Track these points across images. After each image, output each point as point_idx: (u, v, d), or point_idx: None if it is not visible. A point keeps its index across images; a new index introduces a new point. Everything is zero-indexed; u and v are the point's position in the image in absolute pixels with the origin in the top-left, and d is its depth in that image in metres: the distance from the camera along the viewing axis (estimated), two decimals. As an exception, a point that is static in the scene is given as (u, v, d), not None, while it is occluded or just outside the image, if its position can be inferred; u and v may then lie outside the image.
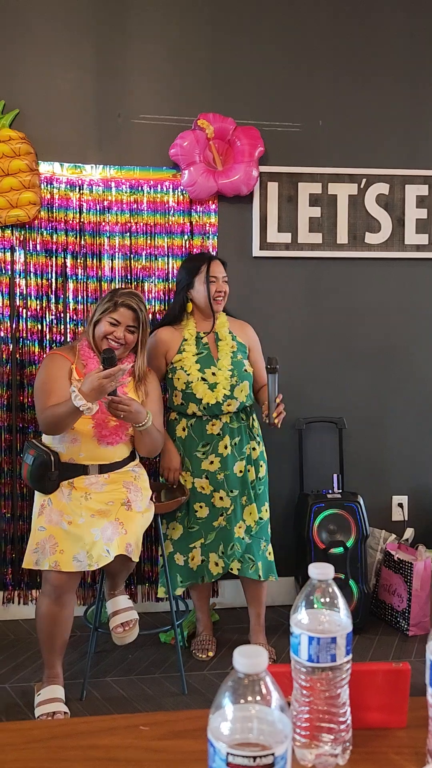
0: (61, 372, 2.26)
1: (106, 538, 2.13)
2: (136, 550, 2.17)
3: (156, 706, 2.30)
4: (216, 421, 2.51)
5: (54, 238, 2.90)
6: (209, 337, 2.57)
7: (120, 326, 2.29)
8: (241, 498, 2.55)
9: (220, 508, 2.52)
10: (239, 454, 2.54)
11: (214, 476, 2.51)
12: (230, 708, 0.59)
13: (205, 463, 2.52)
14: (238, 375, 2.50)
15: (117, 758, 0.86)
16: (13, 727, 0.96)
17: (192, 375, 2.48)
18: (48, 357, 2.34)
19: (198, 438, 2.52)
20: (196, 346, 2.53)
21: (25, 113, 2.86)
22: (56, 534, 2.13)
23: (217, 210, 3.00)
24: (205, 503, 2.52)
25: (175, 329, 2.57)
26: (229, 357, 2.52)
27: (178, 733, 0.91)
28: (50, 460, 2.21)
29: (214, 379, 2.48)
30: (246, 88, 3.00)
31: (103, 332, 2.29)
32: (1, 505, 2.91)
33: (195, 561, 2.54)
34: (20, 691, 2.38)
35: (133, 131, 2.94)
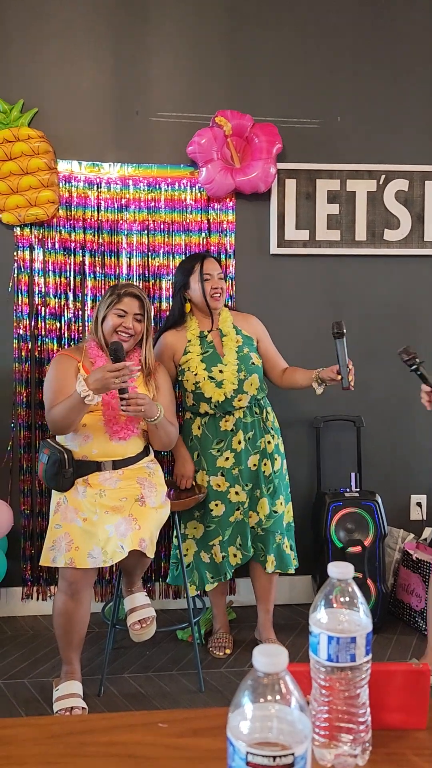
0: (68, 373, 2.29)
1: (120, 533, 2.14)
2: (151, 545, 2.18)
3: (173, 703, 2.31)
4: (229, 417, 2.52)
5: (72, 237, 2.92)
6: (213, 335, 2.57)
7: (128, 316, 2.31)
8: (254, 491, 2.56)
9: (236, 502, 2.54)
10: (253, 448, 2.55)
11: (230, 472, 2.53)
12: (250, 707, 0.59)
13: (220, 460, 2.53)
14: (246, 369, 2.50)
15: (136, 755, 0.86)
16: (33, 722, 0.97)
17: (199, 374, 2.49)
18: (55, 358, 2.37)
19: (212, 435, 2.53)
20: (200, 345, 2.54)
21: (43, 112, 2.87)
22: (71, 531, 2.15)
23: (234, 207, 2.99)
24: (221, 500, 2.53)
25: (178, 331, 2.58)
26: (234, 352, 2.52)
27: (196, 731, 0.91)
28: (64, 458, 2.24)
29: (221, 377, 2.48)
30: (264, 85, 2.98)
31: (112, 326, 2.31)
32: (20, 502, 2.94)
33: (217, 557, 2.56)
34: (39, 686, 2.40)
35: (151, 129, 2.95)
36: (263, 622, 2.66)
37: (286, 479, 2.67)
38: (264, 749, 0.56)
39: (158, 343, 2.58)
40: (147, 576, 2.95)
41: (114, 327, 2.31)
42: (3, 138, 2.77)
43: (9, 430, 2.93)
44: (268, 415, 2.61)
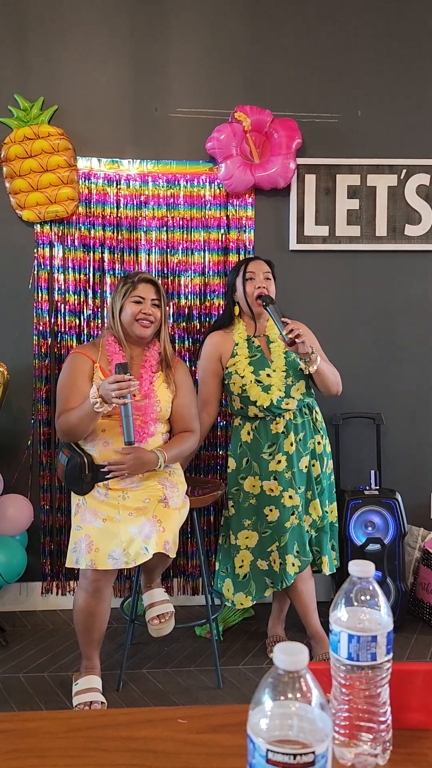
0: (82, 376, 2.27)
1: (144, 535, 2.13)
2: (173, 546, 2.17)
3: (191, 698, 2.31)
4: (279, 419, 2.46)
5: (92, 233, 2.93)
6: (260, 340, 2.54)
7: (145, 302, 2.31)
8: (306, 493, 2.51)
9: (291, 507, 2.44)
10: (304, 449, 2.50)
11: (282, 475, 2.45)
12: (270, 704, 0.59)
13: (272, 464, 2.45)
14: (294, 375, 2.47)
15: (155, 750, 0.86)
16: (54, 715, 0.97)
17: (246, 377, 2.46)
18: (70, 357, 2.34)
19: (263, 439, 2.47)
20: (248, 349, 2.51)
21: (63, 109, 2.88)
22: (91, 533, 2.15)
23: (253, 203, 2.98)
24: (275, 505, 2.45)
25: (225, 333, 2.57)
26: (282, 358, 2.48)
27: (215, 728, 0.90)
28: (84, 463, 2.21)
29: (268, 381, 2.45)
30: (284, 80, 2.97)
31: (131, 315, 2.30)
32: (39, 498, 2.96)
33: (276, 564, 2.46)
34: (58, 680, 2.42)
35: (170, 125, 2.94)
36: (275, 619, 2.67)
37: (331, 479, 2.64)
38: (284, 747, 0.56)
39: (205, 344, 2.58)
40: (165, 572, 2.95)
41: (133, 315, 2.29)
42: (23, 135, 2.79)
43: (29, 426, 2.96)
44: (317, 416, 2.57)
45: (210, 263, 2.98)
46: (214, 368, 2.55)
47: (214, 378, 2.56)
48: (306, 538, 2.48)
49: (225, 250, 2.98)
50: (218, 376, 2.55)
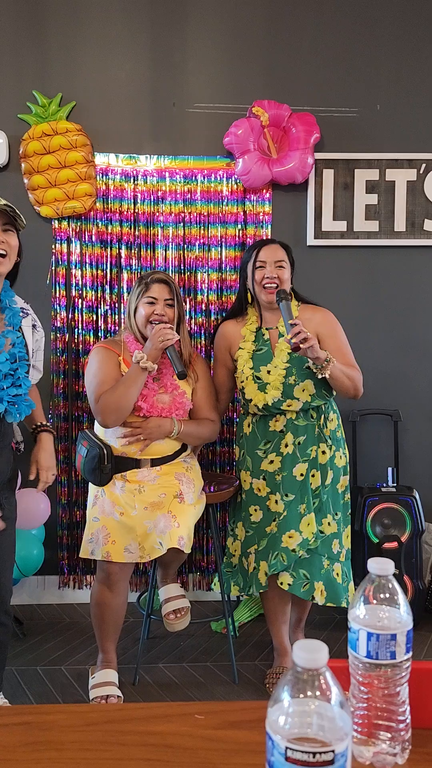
0: (110, 363, 2.28)
1: (159, 530, 2.13)
2: (188, 542, 2.18)
3: (207, 693, 2.32)
4: (279, 417, 2.32)
5: (109, 229, 2.93)
6: (272, 333, 2.37)
7: (158, 302, 2.28)
8: (298, 505, 2.28)
9: (274, 512, 2.30)
10: (302, 455, 2.30)
11: (273, 477, 2.31)
12: (289, 702, 0.58)
13: (264, 462, 2.34)
14: (297, 374, 2.28)
15: (172, 745, 0.86)
16: (72, 709, 0.98)
17: (245, 373, 2.35)
18: (95, 350, 2.35)
19: (260, 435, 2.36)
20: (254, 342, 2.38)
21: (81, 105, 2.89)
22: (108, 525, 2.16)
23: (271, 198, 2.96)
24: (259, 506, 2.34)
25: (237, 323, 2.45)
26: (285, 354, 2.29)
27: (233, 724, 0.90)
28: (103, 454, 2.23)
29: (267, 378, 2.31)
30: (302, 74, 2.94)
31: (144, 316, 2.29)
32: (57, 492, 2.98)
33: (250, 567, 2.35)
34: (75, 673, 2.44)
35: (188, 120, 2.94)
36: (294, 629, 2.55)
37: (345, 498, 2.39)
38: (304, 745, 0.55)
39: (216, 333, 2.51)
40: (181, 567, 2.96)
41: (146, 316, 2.28)
42: (42, 132, 2.80)
43: (47, 421, 2.96)
44: (328, 423, 2.35)
45: (227, 259, 2.97)
46: (222, 358, 2.48)
47: (223, 368, 2.49)
48: (278, 551, 2.24)
49: (242, 245, 2.97)
50: (226, 366, 2.48)
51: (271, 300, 2.32)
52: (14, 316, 1.91)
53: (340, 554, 2.35)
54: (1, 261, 1.81)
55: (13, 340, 1.87)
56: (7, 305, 1.91)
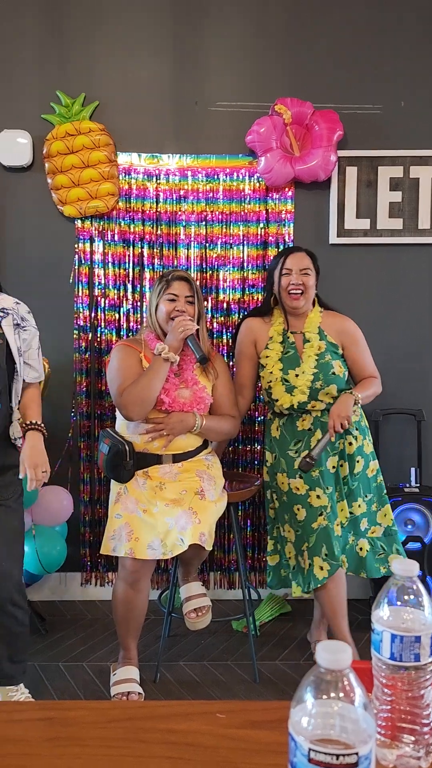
0: (132, 360, 2.30)
1: (180, 527, 2.14)
2: (209, 539, 2.18)
3: (228, 692, 2.32)
4: (306, 416, 2.39)
5: (131, 228, 2.95)
6: (297, 337, 2.45)
7: (179, 299, 2.30)
8: (334, 495, 2.40)
9: (319, 507, 2.34)
10: (332, 449, 2.39)
11: (308, 474, 2.36)
12: (312, 703, 0.58)
13: (297, 461, 2.36)
14: (324, 378, 2.37)
15: (194, 743, 0.86)
16: (94, 705, 0.98)
17: (274, 374, 2.41)
18: (116, 348, 2.37)
19: (290, 436, 2.41)
20: (282, 344, 2.44)
21: (104, 105, 2.90)
22: (132, 522, 2.18)
23: (293, 197, 2.95)
24: (301, 504, 2.36)
25: (264, 321, 2.51)
26: (313, 359, 2.38)
27: (254, 723, 0.90)
28: (125, 450, 2.24)
29: (295, 382, 2.38)
30: (325, 71, 2.93)
31: (165, 312, 2.30)
32: (79, 490, 3.00)
33: (305, 565, 2.37)
34: (97, 669, 2.46)
35: (210, 119, 2.94)
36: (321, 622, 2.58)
37: (377, 481, 2.47)
38: (327, 747, 0.55)
39: (241, 327, 2.54)
40: (202, 566, 2.97)
41: (167, 313, 2.30)
42: (65, 132, 2.82)
43: (69, 419, 3.00)
44: (352, 415, 2.40)
45: (249, 257, 2.96)
46: (248, 352, 2.51)
47: (249, 362, 2.52)
48: (336, 541, 2.34)
49: (264, 244, 2.96)
50: (252, 360, 2.51)
51: (296, 306, 2.43)
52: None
53: (367, 531, 2.43)
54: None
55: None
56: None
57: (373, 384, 2.46)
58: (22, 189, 2.93)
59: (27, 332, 2.07)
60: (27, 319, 2.09)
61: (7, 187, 2.93)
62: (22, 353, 2.05)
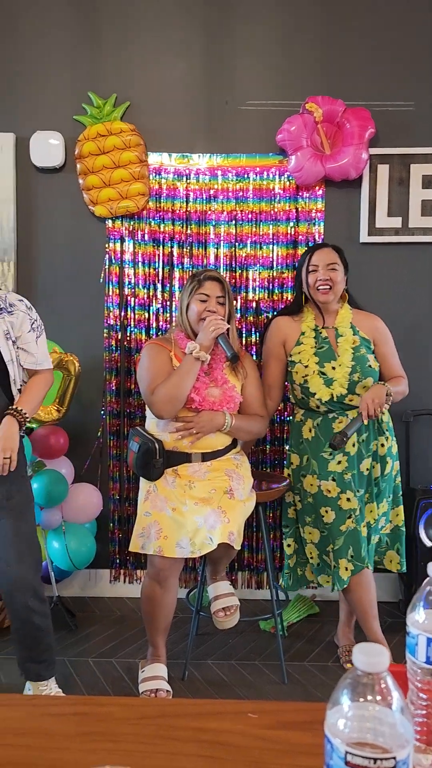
0: (162, 358, 2.31)
1: (209, 525, 2.14)
2: (238, 538, 2.18)
3: (256, 692, 2.32)
4: (342, 418, 2.38)
5: (161, 228, 2.96)
6: (329, 332, 2.45)
7: (210, 299, 2.31)
8: (364, 495, 2.41)
9: (348, 510, 2.35)
10: (366, 451, 2.39)
11: (342, 477, 2.35)
12: (349, 705, 0.58)
13: (332, 464, 2.37)
14: (362, 371, 2.37)
15: (225, 743, 0.86)
16: (126, 702, 0.99)
17: (310, 367, 2.40)
18: (147, 347, 2.38)
19: (324, 438, 2.39)
20: (315, 339, 2.44)
21: (135, 105, 2.92)
22: (161, 520, 2.19)
23: (323, 195, 2.93)
24: (330, 507, 2.36)
25: (293, 320, 2.50)
26: (350, 353, 2.39)
27: (286, 724, 0.90)
28: (155, 448, 2.25)
29: (333, 374, 2.37)
30: (356, 69, 2.90)
31: (196, 312, 2.31)
32: (109, 488, 3.03)
33: (331, 564, 2.39)
34: (125, 666, 2.48)
35: (240, 118, 2.93)
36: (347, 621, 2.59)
37: (396, 481, 2.50)
38: (364, 750, 0.54)
39: (269, 327, 2.54)
40: (230, 565, 2.97)
41: (198, 313, 2.30)
42: (96, 133, 2.85)
43: (99, 418, 3.03)
44: (383, 416, 2.42)
45: (278, 256, 2.95)
46: (276, 352, 2.50)
47: (277, 362, 2.51)
48: (363, 543, 2.35)
49: (294, 243, 2.95)
50: (281, 360, 2.50)
51: (326, 300, 2.43)
52: None
53: (383, 527, 2.48)
54: None
55: None
56: None
57: (402, 383, 2.45)
58: (54, 189, 2.96)
59: (13, 316, 2.05)
60: (15, 304, 2.07)
61: (39, 188, 2.97)
62: (15, 338, 2.04)
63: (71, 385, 2.70)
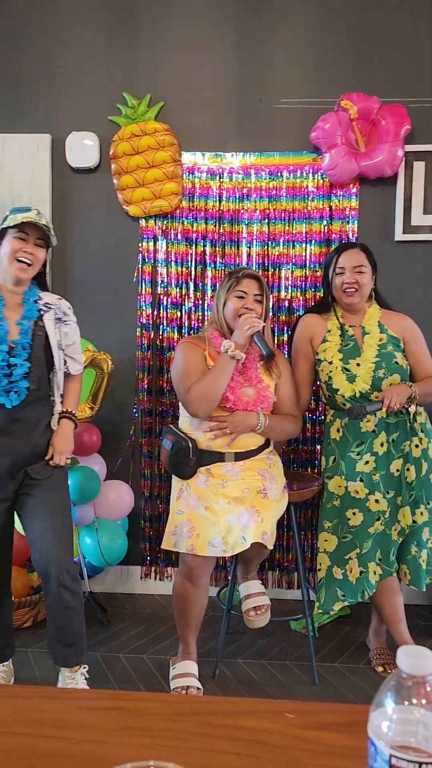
0: (196, 356, 2.31)
1: (242, 525, 2.14)
2: (272, 537, 2.17)
3: (287, 692, 2.31)
4: (370, 417, 2.33)
5: (194, 227, 2.97)
6: (355, 330, 2.42)
7: (248, 297, 2.30)
8: (396, 498, 2.35)
9: (376, 512, 2.32)
10: (397, 451, 2.34)
11: (369, 477, 2.33)
12: (393, 708, 0.57)
13: (359, 464, 2.34)
14: (387, 367, 2.33)
15: (262, 742, 0.86)
16: (162, 698, 1.00)
17: (334, 363, 2.39)
18: (181, 345, 2.38)
19: (352, 437, 2.37)
20: (341, 337, 2.42)
21: (169, 105, 2.93)
22: (193, 518, 2.19)
23: (358, 193, 2.90)
24: (359, 509, 2.33)
25: (321, 317, 2.49)
26: (375, 349, 2.35)
27: (323, 725, 0.89)
28: (188, 447, 2.25)
29: (356, 371, 2.35)
30: (392, 64, 2.86)
31: (233, 309, 2.30)
32: (140, 485, 3.05)
33: (353, 573, 2.35)
34: (156, 662, 2.49)
35: (274, 116, 2.92)
36: (377, 627, 2.55)
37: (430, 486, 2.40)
38: (409, 754, 0.54)
39: (297, 325, 2.53)
40: (261, 564, 2.96)
41: (235, 310, 2.30)
42: (131, 133, 2.87)
43: (131, 416, 3.05)
44: (417, 416, 2.37)
45: (311, 255, 2.93)
46: (304, 350, 2.48)
47: (304, 359, 2.49)
48: (393, 547, 2.34)
49: (327, 241, 2.93)
50: (308, 358, 2.49)
51: (351, 303, 2.41)
52: (30, 310, 2.12)
53: (429, 540, 2.38)
54: (24, 268, 2.07)
55: (24, 329, 2.08)
56: (27, 300, 2.13)
57: None
58: (88, 190, 2.99)
59: (68, 326, 2.21)
60: (68, 314, 2.22)
61: (74, 188, 3.00)
62: (64, 347, 2.19)
63: (104, 383, 2.73)
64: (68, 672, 2.11)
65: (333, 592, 2.39)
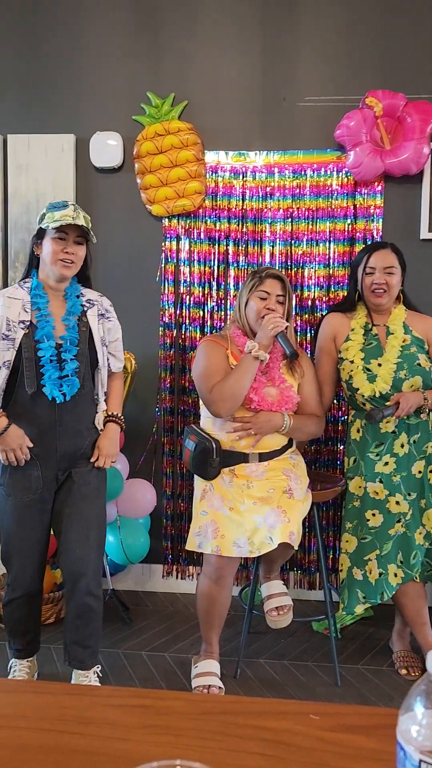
0: (219, 355, 2.30)
1: (269, 525, 2.13)
2: (298, 538, 2.16)
3: (309, 693, 2.30)
4: (389, 418, 2.30)
5: (217, 226, 2.97)
6: (379, 329, 2.40)
7: (270, 297, 2.29)
8: (419, 501, 2.33)
9: (397, 513, 2.31)
10: (418, 452, 2.33)
11: (389, 478, 2.31)
12: (422, 712, 0.56)
13: (379, 465, 2.33)
14: (409, 368, 2.31)
15: (287, 743, 0.86)
16: (188, 697, 1.00)
17: (355, 362, 2.37)
18: (203, 344, 2.37)
19: (371, 438, 2.36)
20: (364, 336, 2.40)
21: (192, 104, 2.93)
22: (218, 519, 2.19)
23: (382, 191, 2.88)
24: (378, 510, 2.32)
25: (345, 316, 2.48)
26: (397, 350, 2.33)
27: (349, 728, 0.88)
28: (212, 448, 2.24)
29: (377, 371, 2.33)
30: (418, 61, 2.83)
31: (256, 309, 2.29)
32: (162, 484, 3.06)
33: (373, 575, 2.34)
34: (178, 660, 2.50)
35: (298, 115, 2.91)
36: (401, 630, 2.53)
37: None
38: (440, 759, 0.53)
39: (322, 323, 2.52)
40: (283, 565, 2.95)
41: (258, 311, 2.29)
42: (154, 132, 2.87)
43: (154, 415, 3.06)
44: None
45: (335, 254, 2.92)
46: (327, 348, 2.48)
47: (328, 358, 2.48)
48: (415, 550, 2.31)
49: (351, 240, 2.91)
50: (332, 356, 2.48)
51: (379, 303, 2.39)
52: (74, 305, 2.13)
53: None
54: (68, 266, 2.09)
55: (70, 324, 2.09)
56: (70, 296, 2.14)
57: None
58: (112, 189, 3.01)
59: (111, 323, 2.22)
60: (110, 311, 2.24)
61: (98, 188, 3.02)
62: (107, 343, 2.19)
63: (127, 381, 2.74)
64: (82, 670, 2.14)
65: (354, 593, 2.39)
